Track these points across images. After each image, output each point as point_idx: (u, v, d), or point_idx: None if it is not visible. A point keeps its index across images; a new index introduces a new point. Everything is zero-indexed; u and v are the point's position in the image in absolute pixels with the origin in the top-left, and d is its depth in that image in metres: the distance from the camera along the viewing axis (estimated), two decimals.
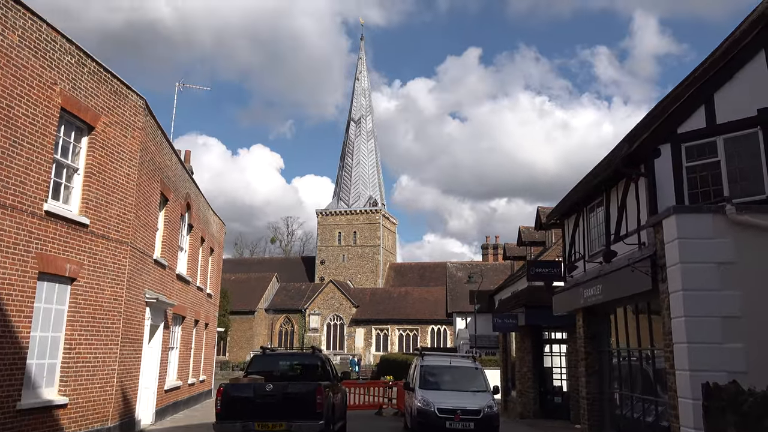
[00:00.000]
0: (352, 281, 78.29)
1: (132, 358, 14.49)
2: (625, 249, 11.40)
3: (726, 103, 9.97)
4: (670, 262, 9.12)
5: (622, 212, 11.83)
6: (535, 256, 37.46)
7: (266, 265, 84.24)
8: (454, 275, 49.09)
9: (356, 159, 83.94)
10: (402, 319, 67.72)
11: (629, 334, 11.98)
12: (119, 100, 13.54)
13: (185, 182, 19.82)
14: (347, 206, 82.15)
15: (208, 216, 24.86)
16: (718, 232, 8.86)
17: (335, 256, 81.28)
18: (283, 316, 71.95)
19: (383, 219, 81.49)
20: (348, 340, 69.03)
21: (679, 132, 10.38)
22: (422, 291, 71.63)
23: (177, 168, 18.53)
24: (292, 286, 75.81)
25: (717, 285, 8.67)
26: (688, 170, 10.25)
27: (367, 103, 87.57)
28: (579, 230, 14.82)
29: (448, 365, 16.28)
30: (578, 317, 14.39)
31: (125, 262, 13.61)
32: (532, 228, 39.21)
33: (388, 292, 73.21)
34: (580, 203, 14.44)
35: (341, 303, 70.38)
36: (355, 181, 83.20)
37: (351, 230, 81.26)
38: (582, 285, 13.43)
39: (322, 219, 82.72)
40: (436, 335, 67.07)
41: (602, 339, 13.54)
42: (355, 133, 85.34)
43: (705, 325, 8.57)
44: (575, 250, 15.09)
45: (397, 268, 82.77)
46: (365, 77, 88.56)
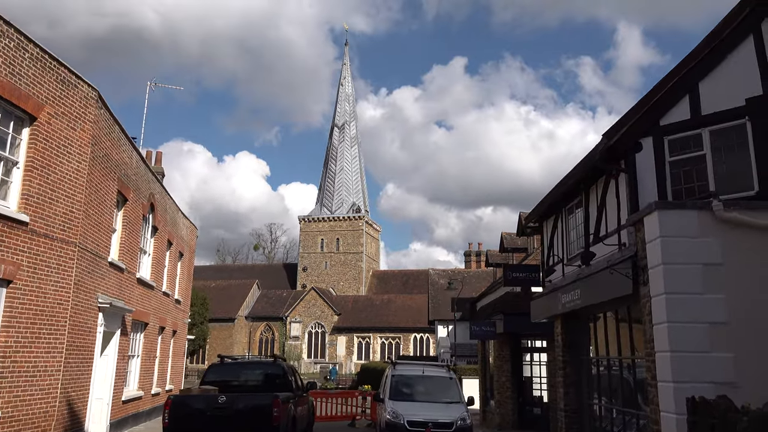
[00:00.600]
0: (335, 288, 77.28)
1: (81, 366, 13.50)
2: (604, 251, 10.65)
3: (712, 93, 9.26)
4: (651, 263, 8.36)
5: (602, 211, 11.09)
6: (517, 262, 36.79)
7: (248, 271, 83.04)
8: (437, 282, 48.30)
9: (339, 165, 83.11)
10: (384, 327, 66.79)
11: (609, 342, 11.21)
12: (67, 90, 12.62)
13: (148, 182, 18.88)
14: (330, 213, 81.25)
15: (177, 219, 23.90)
16: (704, 230, 8.11)
17: (318, 263, 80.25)
18: (264, 324, 70.74)
19: (366, 226, 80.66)
20: (330, 348, 67.95)
21: (662, 124, 9.66)
22: (405, 298, 70.77)
23: (138, 166, 17.59)
24: (273, 294, 74.64)
25: (703, 288, 7.92)
26: (671, 165, 9.52)
27: (351, 109, 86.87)
28: (557, 233, 14.08)
29: (421, 375, 15.46)
30: (556, 324, 13.62)
31: (72, 264, 12.66)
32: (514, 234, 38.53)
33: (370, 300, 72.27)
34: (558, 204, 13.70)
35: (323, 310, 69.33)
36: (338, 188, 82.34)
37: (334, 237, 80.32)
38: (560, 290, 12.67)
39: (305, 225, 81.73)
40: (418, 343, 66.18)
41: (581, 347, 12.76)
42: (338, 139, 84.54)
43: (690, 332, 7.81)
44: (554, 253, 14.34)
45: (380, 275, 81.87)
46: (349, 83, 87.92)
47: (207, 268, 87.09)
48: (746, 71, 8.98)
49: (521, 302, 19.36)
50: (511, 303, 19.11)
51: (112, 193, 15.11)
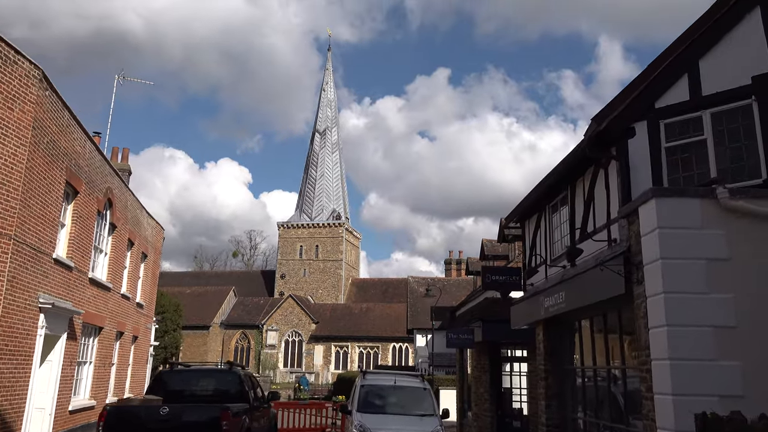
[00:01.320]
0: (313, 296, 75.88)
1: (15, 373, 12.20)
2: (592, 249, 9.64)
3: (713, 71, 8.32)
4: (648, 258, 7.35)
5: (590, 205, 10.10)
6: None
7: (224, 278, 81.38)
8: (416, 290, 47.19)
9: (320, 171, 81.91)
10: (363, 336, 65.49)
11: (597, 350, 10.17)
12: (4, 66, 11.42)
13: (105, 175, 17.62)
14: (310, 219, 79.94)
15: (140, 218, 22.61)
16: (708, 221, 7.12)
17: (296, 270, 78.81)
18: (240, 332, 69.10)
19: (346, 233, 79.44)
20: (306, 357, 66.48)
21: (658, 107, 8.69)
22: (384, 307, 69.57)
23: (92, 158, 16.34)
24: (249, 301, 73.05)
25: (707, 286, 6.92)
26: (668, 152, 8.54)
27: (333, 114, 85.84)
28: (540, 232, 13.08)
29: (392, 385, 14.32)
30: (538, 331, 12.58)
31: (5, 258, 11.41)
32: (495, 241, 37.60)
33: (349, 308, 70.96)
34: (541, 201, 12.70)
35: (300, 319, 67.88)
36: (318, 194, 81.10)
37: (313, 244, 78.97)
38: (543, 293, 11.64)
39: (284, 232, 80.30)
40: (397, 353, 64.97)
41: (565, 356, 11.72)
42: (319, 144, 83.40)
43: (692, 336, 6.79)
44: (536, 254, 13.33)
45: (359, 283, 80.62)
46: (332, 89, 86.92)
47: (183, 275, 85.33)
48: (752, 46, 8.05)
49: (501, 308, 18.33)
50: (490, 309, 18.07)
51: (59, 184, 13.86)
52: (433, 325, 34.47)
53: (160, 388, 11.47)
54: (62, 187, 14.07)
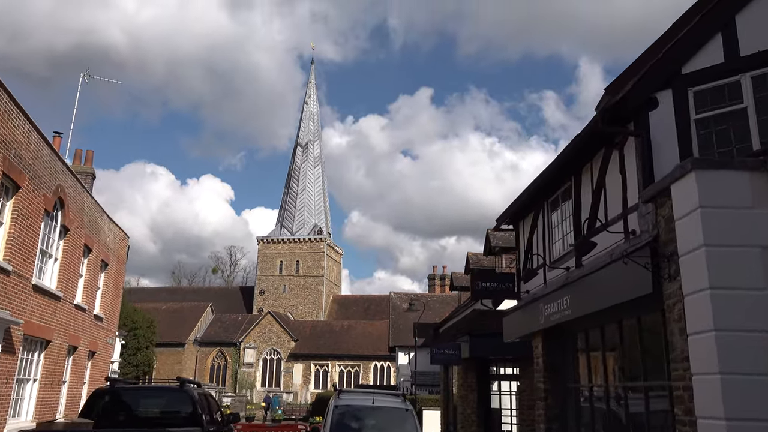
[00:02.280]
0: (293, 313, 73.83)
1: None
2: (605, 244, 8.17)
3: (753, 28, 6.95)
4: (685, 247, 5.89)
5: (600, 194, 8.65)
6: None
7: (202, 294, 79.07)
8: (398, 307, 45.56)
9: (302, 185, 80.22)
10: (343, 355, 63.56)
11: (608, 365, 8.67)
12: None
13: (56, 172, 15.93)
14: (290, 234, 78.05)
15: (100, 223, 20.87)
16: (761, 198, 5.69)
17: (276, 286, 76.73)
18: (216, 350, 66.79)
19: (328, 248, 77.65)
20: (285, 376, 64.32)
21: (686, 72, 7.30)
22: (366, 325, 67.73)
23: (40, 150, 14.67)
24: (227, 318, 70.82)
25: (764, 280, 5.46)
26: (698, 124, 7.14)
27: (316, 128, 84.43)
28: (537, 232, 11.62)
29: (371, 406, 12.69)
30: (536, 343, 11.07)
31: None
32: (480, 254, 36.21)
33: (330, 326, 69.01)
34: (539, 197, 11.27)
35: (279, 336, 65.79)
36: (300, 208, 79.34)
37: (294, 259, 77.02)
38: (542, 300, 10.15)
39: (264, 247, 78.28)
40: (378, 372, 63.08)
41: (568, 372, 10.21)
42: (301, 158, 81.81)
43: (747, 344, 5.32)
44: (532, 256, 11.86)
45: (340, 300, 78.71)
46: (314, 102, 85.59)
47: (159, 290, 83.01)
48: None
49: (490, 321, 16.85)
50: (478, 322, 16.57)
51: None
52: (416, 341, 32.86)
53: (94, 410, 9.78)
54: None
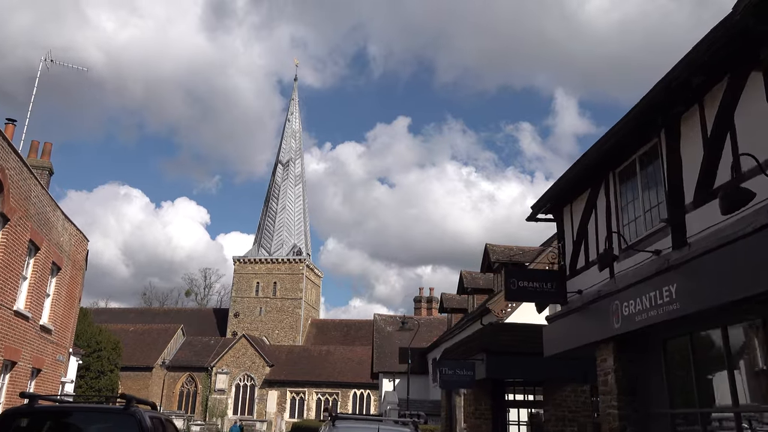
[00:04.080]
0: (269, 337, 70.36)
1: None
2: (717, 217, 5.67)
3: None
4: None
5: (722, 139, 6.18)
6: (479, 304, 31.77)
7: (173, 316, 75.20)
8: (383, 329, 42.71)
9: (282, 204, 77.31)
10: (321, 382, 60.20)
11: (737, 382, 6.11)
12: None
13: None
14: (268, 254, 74.86)
15: (52, 219, 18.01)
16: None
17: (251, 308, 73.23)
18: (186, 375, 62.96)
19: (307, 270, 74.55)
20: (259, 404, 60.66)
21: None
22: (345, 350, 64.56)
23: None
24: (198, 341, 67.09)
25: None
26: None
27: (298, 146, 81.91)
28: (597, 214, 9.13)
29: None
30: (602, 356, 8.49)
31: None
32: (476, 273, 33.65)
33: (307, 351, 65.65)
34: (598, 170, 8.82)
35: (254, 361, 62.24)
36: (278, 228, 76.30)
37: (271, 280, 73.69)
38: (614, 297, 7.63)
39: (240, 267, 74.90)
40: (358, 400, 59.78)
41: (655, 392, 7.62)
42: (282, 176, 79.05)
43: None
44: (586, 247, 9.34)
45: (319, 324, 75.39)
46: (297, 119, 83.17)
47: (128, 311, 79.10)
48: None
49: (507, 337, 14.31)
50: (497, 337, 14.00)
51: None
52: (410, 364, 30.13)
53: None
54: None
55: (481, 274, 33.19)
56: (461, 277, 32.91)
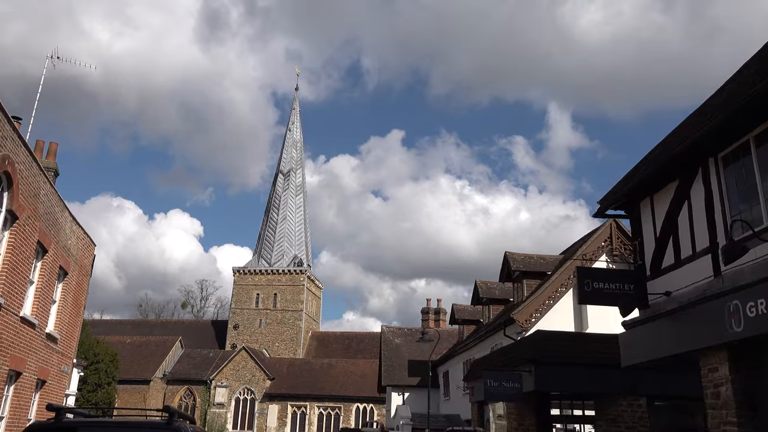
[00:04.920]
0: (269, 350, 69.01)
1: None
2: None
3: None
4: None
5: None
6: (496, 315, 30.72)
7: (171, 328, 73.78)
8: (391, 342, 41.51)
9: (282, 214, 76.19)
10: (323, 396, 58.82)
11: None
12: None
13: (4, 138, 12.15)
14: (269, 265, 73.60)
15: (60, 220, 16.94)
16: None
17: (251, 320, 71.85)
18: (185, 388, 61.45)
19: (308, 281, 73.31)
20: (259, 418, 59.20)
21: None
22: (348, 363, 63.26)
23: None
24: (197, 353, 65.64)
25: None
26: None
27: (299, 155, 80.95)
28: (693, 206, 8.14)
29: None
30: (712, 364, 7.45)
31: None
32: (491, 282, 32.62)
33: (309, 364, 64.27)
34: (694, 156, 7.84)
35: (254, 374, 60.84)
36: (279, 238, 75.12)
37: (271, 292, 72.36)
38: (732, 296, 6.62)
39: (239, 278, 73.59)
40: (361, 415, 58.41)
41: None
42: (282, 186, 77.99)
43: None
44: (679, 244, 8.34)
45: (320, 337, 74.04)
46: (298, 128, 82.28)
47: (124, 323, 77.66)
48: None
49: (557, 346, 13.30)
50: (548, 346, 12.97)
51: None
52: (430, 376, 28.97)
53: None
54: None
55: (496, 284, 32.20)
56: (476, 287, 31.85)
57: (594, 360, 12.66)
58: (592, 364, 12.74)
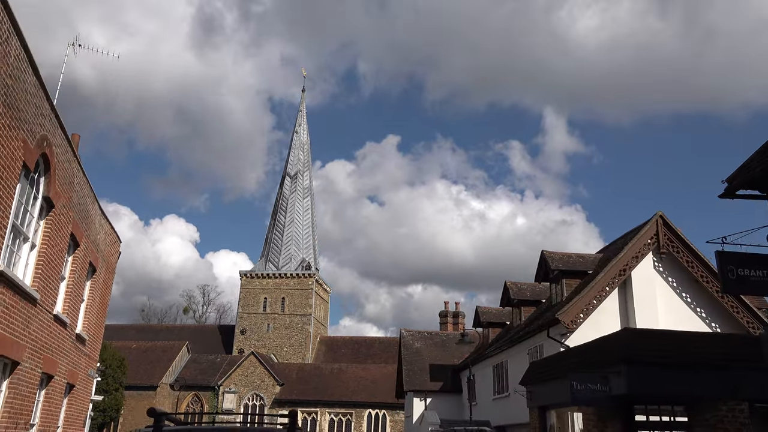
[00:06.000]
0: (277, 355, 67.70)
1: None
2: None
3: None
4: None
5: None
6: (529, 317, 29.56)
7: (176, 333, 72.49)
8: (411, 345, 40.26)
9: (290, 217, 75.04)
10: (334, 401, 57.57)
11: None
12: None
13: (42, 117, 11.01)
14: (276, 269, 72.38)
15: (91, 212, 15.79)
16: None
17: (258, 325, 70.58)
18: (192, 394, 60.13)
19: (316, 285, 72.11)
20: None
21: None
22: (358, 369, 62.04)
23: (20, 69, 9.80)
24: (204, 358, 64.38)
25: None
26: None
27: (306, 158, 79.89)
28: None
29: None
30: None
31: None
32: (522, 283, 31.48)
33: (318, 369, 63.02)
34: None
35: (263, 380, 59.58)
36: (286, 242, 73.94)
37: (279, 296, 71.13)
38: None
39: (246, 282, 72.35)
40: (373, 421, 57.14)
41: None
42: (290, 189, 76.89)
43: None
44: None
45: (328, 341, 72.79)
46: (305, 130, 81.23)
47: (128, 328, 76.32)
48: None
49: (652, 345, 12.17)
50: (633, 346, 11.83)
51: None
52: (470, 380, 27.76)
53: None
54: None
55: (527, 285, 31.07)
56: (506, 288, 30.71)
57: (689, 360, 11.55)
58: (687, 365, 11.63)
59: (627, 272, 22.30)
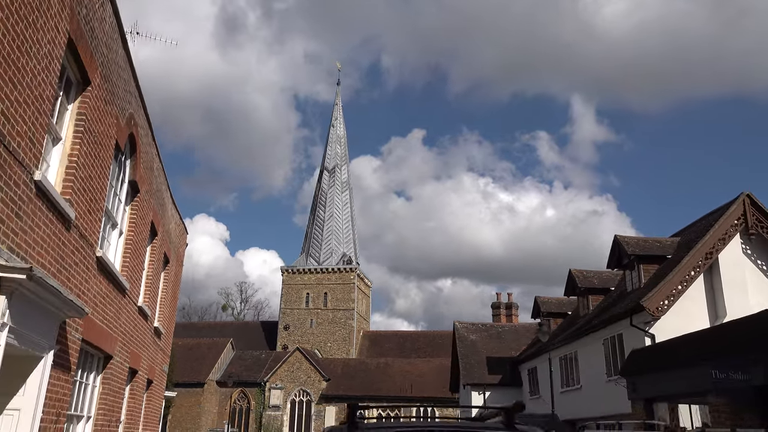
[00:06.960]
0: (321, 350, 67.21)
1: None
2: None
3: None
4: None
5: None
6: (597, 305, 28.32)
7: (219, 330, 72.50)
8: (466, 338, 39.28)
9: (329, 212, 74.47)
10: (382, 397, 56.81)
11: None
12: None
13: (130, 94, 10.29)
14: (318, 264, 71.89)
15: (165, 199, 15.13)
16: None
17: (302, 320, 70.18)
18: (238, 390, 59.93)
19: (358, 279, 71.44)
20: (316, 420, 57.38)
21: None
22: (404, 363, 61.20)
23: (112, 40, 9.05)
24: (249, 355, 64.17)
25: None
26: None
27: (343, 151, 79.22)
28: None
29: None
30: None
31: None
32: (588, 271, 30.23)
33: (364, 364, 62.34)
34: None
35: (309, 375, 59.09)
36: (327, 236, 73.38)
37: (321, 291, 70.63)
38: None
39: (288, 278, 71.98)
40: (422, 417, 56.22)
41: None
42: (328, 183, 76.32)
43: None
44: None
45: (371, 336, 72.09)
46: (341, 124, 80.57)
47: None
48: None
49: None
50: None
51: (55, 43, 6.51)
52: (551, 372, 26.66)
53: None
54: (58, 62, 6.70)
55: (594, 273, 29.85)
56: (571, 276, 29.53)
57: None
58: None
59: (713, 255, 20.99)
